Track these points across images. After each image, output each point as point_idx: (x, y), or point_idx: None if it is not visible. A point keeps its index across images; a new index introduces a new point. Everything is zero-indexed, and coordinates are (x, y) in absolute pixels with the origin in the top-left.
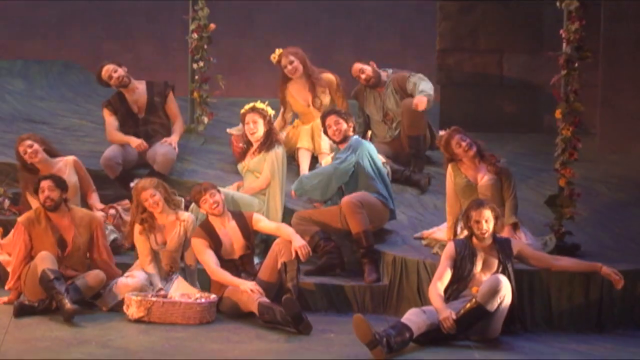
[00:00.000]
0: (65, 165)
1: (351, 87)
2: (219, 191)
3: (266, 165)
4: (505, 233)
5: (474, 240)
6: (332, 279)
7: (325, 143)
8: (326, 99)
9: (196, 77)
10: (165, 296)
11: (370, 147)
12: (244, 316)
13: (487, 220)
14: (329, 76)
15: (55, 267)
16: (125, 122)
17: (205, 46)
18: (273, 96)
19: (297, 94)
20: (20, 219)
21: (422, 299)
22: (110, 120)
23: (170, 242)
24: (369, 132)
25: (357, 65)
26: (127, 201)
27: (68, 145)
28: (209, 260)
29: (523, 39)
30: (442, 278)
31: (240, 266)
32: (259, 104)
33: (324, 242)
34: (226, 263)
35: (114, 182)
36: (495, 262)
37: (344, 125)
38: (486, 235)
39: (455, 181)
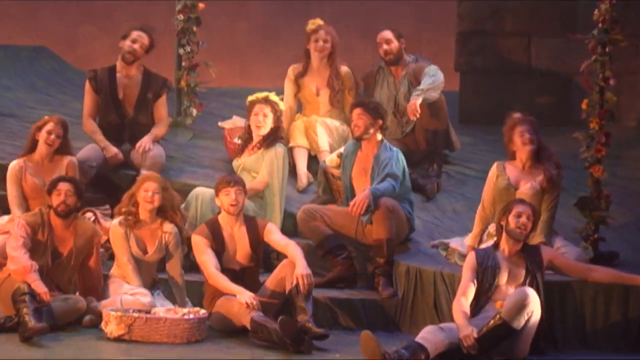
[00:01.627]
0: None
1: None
2: (245, 193)
3: (264, 164)
4: None
5: (500, 247)
6: (338, 292)
7: (323, 140)
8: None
9: (183, 63)
10: (148, 311)
11: (403, 158)
12: (237, 334)
13: (528, 216)
14: (347, 71)
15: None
16: (107, 106)
17: (194, 28)
18: (270, 85)
19: (309, 79)
20: (22, 217)
21: (440, 315)
22: (88, 102)
23: (150, 253)
24: None
25: (387, 34)
26: (107, 206)
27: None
28: (208, 262)
29: (554, 21)
30: (467, 293)
31: (240, 279)
32: (273, 96)
33: (336, 250)
34: (225, 272)
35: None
36: (522, 273)
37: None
38: (524, 233)
39: (496, 182)
